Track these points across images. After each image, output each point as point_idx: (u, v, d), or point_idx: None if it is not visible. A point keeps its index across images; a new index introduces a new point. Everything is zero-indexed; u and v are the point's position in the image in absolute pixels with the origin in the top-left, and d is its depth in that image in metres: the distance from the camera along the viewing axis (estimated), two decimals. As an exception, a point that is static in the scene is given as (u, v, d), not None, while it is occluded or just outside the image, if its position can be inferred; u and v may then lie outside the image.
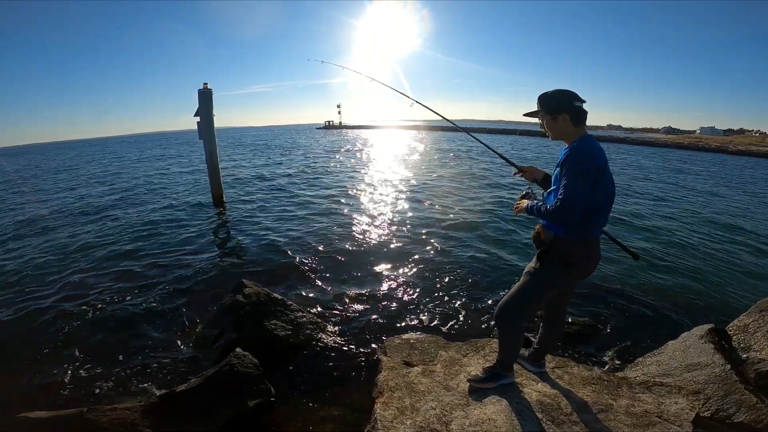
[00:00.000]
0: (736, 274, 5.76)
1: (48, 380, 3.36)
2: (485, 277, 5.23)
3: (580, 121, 2.01)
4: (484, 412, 2.15)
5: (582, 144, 1.95)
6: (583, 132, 2.02)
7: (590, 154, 1.90)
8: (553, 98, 2.04)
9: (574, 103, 2.00)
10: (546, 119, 2.07)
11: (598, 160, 1.91)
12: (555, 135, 2.08)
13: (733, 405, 2.32)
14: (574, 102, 2.00)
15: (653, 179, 15.87)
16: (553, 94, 2.05)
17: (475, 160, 20.95)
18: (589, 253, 2.06)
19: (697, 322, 3.94)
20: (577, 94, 2.02)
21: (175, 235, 7.51)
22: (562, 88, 2.06)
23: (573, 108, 1.99)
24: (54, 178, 18.82)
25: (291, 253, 6.22)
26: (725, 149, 38.96)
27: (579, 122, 2.00)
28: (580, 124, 2.01)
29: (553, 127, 2.06)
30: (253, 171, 17.02)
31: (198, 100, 9.06)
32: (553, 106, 2.04)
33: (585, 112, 2.02)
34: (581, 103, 2.01)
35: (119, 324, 4.28)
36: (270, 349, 3.51)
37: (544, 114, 2.08)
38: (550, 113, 2.05)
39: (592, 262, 2.10)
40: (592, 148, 1.93)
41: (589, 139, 1.98)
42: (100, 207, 10.57)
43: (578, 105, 2.00)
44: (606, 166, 1.96)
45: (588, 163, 1.87)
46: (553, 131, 2.07)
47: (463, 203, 9.78)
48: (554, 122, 2.04)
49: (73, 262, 6.22)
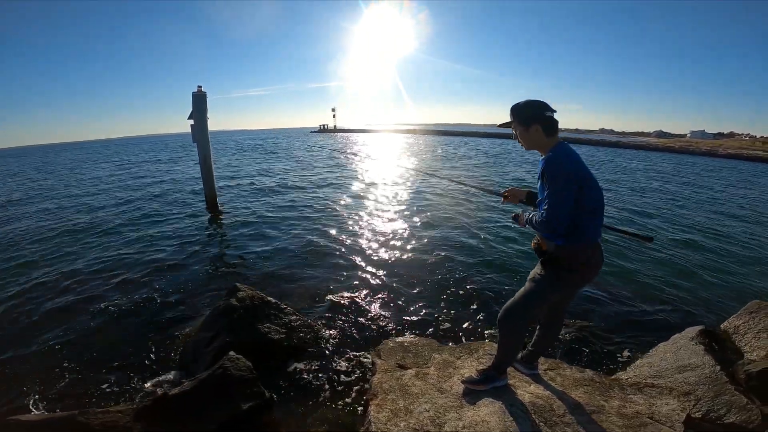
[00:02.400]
0: (726, 275, 5.83)
1: (40, 383, 3.34)
2: (479, 281, 5.25)
3: (552, 131, 2.04)
4: (477, 414, 2.15)
5: (556, 154, 1.96)
6: (557, 140, 2.04)
7: (565, 162, 1.92)
8: (525, 109, 2.08)
9: (545, 114, 2.03)
10: (519, 130, 2.10)
11: (575, 167, 1.93)
12: (528, 145, 2.11)
13: (724, 406, 2.34)
14: (545, 112, 2.03)
15: (641, 181, 16.03)
16: (524, 105, 2.08)
17: (469, 162, 21.03)
18: (591, 259, 2.07)
19: (688, 323, 3.99)
20: (548, 104, 2.06)
21: (168, 239, 7.47)
22: (533, 99, 2.10)
23: (544, 118, 2.03)
24: (40, 184, 18.65)
25: (285, 257, 6.22)
26: (715, 152, 39.41)
27: (551, 132, 2.04)
28: (553, 134, 2.04)
29: (526, 138, 2.09)
30: (248, 175, 16.99)
31: (192, 102, 9.04)
32: (525, 117, 2.07)
33: (556, 122, 2.05)
34: (552, 113, 2.05)
35: (112, 327, 4.27)
36: (264, 352, 3.49)
37: (517, 125, 2.11)
38: (522, 124, 2.08)
39: (595, 266, 2.11)
40: (567, 156, 1.95)
41: (562, 148, 2.00)
42: (91, 212, 10.49)
43: (549, 115, 2.04)
44: (586, 170, 1.98)
45: (564, 173, 1.89)
46: (526, 141, 2.10)
47: (457, 207, 9.80)
48: (527, 133, 2.07)
49: (64, 266, 6.17)
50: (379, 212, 9.14)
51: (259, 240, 7.25)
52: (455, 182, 11.37)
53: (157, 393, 2.92)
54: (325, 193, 11.86)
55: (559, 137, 2.06)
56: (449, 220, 8.45)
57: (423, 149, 32.65)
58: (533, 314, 2.31)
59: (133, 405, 2.62)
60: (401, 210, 9.40)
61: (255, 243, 7.07)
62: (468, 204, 9.89)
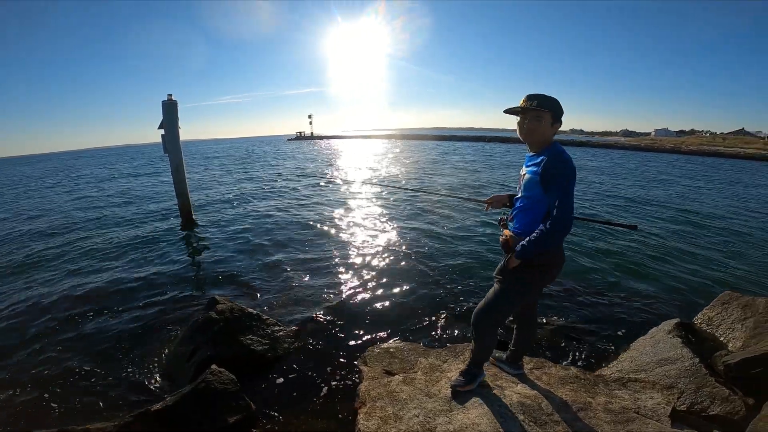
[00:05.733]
0: (699, 267, 6.02)
1: (19, 402, 3.21)
2: (462, 283, 5.27)
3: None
4: (467, 417, 2.15)
5: (560, 151, 1.97)
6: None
7: (570, 162, 1.93)
8: (559, 105, 2.03)
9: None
10: (544, 120, 2.00)
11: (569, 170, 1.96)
12: (536, 137, 2.04)
13: (707, 398, 2.41)
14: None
15: (611, 179, 16.48)
16: (556, 100, 2.03)
17: (448, 165, 21.22)
18: (557, 257, 2.11)
19: (664, 316, 4.12)
20: None
21: (142, 254, 7.23)
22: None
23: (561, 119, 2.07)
24: (11, 193, 17.88)
25: (264, 268, 6.11)
26: (679, 149, 40.96)
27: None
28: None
29: (541, 131, 2.02)
30: (223, 185, 16.68)
31: (162, 111, 8.78)
32: (559, 112, 2.03)
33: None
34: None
35: (89, 344, 4.11)
36: (248, 365, 3.42)
37: (549, 117, 2.01)
38: (555, 118, 2.02)
39: (558, 265, 2.14)
40: (568, 155, 1.97)
41: (560, 146, 2.02)
42: (63, 227, 10.08)
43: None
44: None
45: (573, 173, 1.92)
46: (539, 134, 2.03)
47: (440, 212, 9.82)
48: (551, 127, 2.03)
49: (35, 284, 5.91)
50: (362, 222, 9.06)
51: (237, 252, 7.09)
52: (439, 195, 11.47)
53: (139, 410, 2.82)
54: (304, 203, 11.71)
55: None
56: (431, 226, 8.46)
57: (403, 155, 32.74)
58: (505, 314, 2.32)
59: (114, 423, 2.51)
60: (383, 218, 9.35)
61: (233, 255, 6.91)
62: (451, 211, 9.90)
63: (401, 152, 35.91)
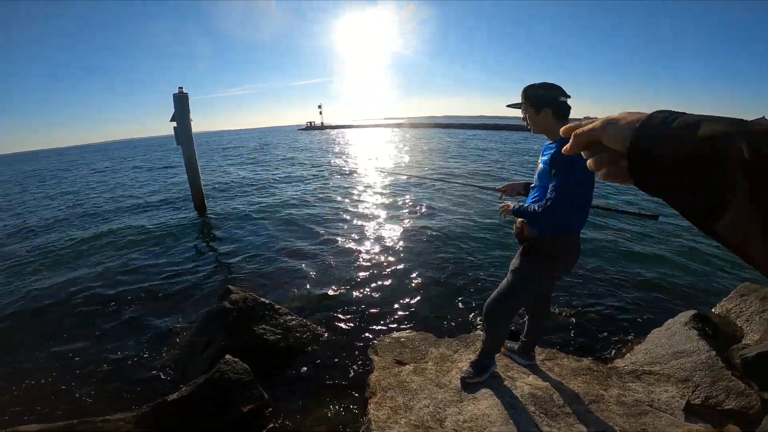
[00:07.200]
0: (717, 258, 5.89)
1: (38, 393, 3.29)
2: (474, 273, 5.24)
3: (564, 116, 1.98)
4: (477, 408, 2.15)
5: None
6: None
7: (577, 155, 1.88)
8: (538, 91, 2.00)
9: (559, 99, 1.97)
10: (529, 112, 2.03)
11: (585, 161, 1.90)
12: (537, 129, 2.05)
13: (722, 392, 2.37)
14: (559, 97, 1.97)
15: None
16: (538, 87, 2.00)
17: (458, 155, 21.06)
18: (570, 248, 2.08)
19: (680, 308, 4.04)
20: (563, 88, 1.99)
21: (157, 244, 7.35)
22: (548, 82, 2.01)
23: (557, 103, 1.96)
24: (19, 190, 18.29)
25: (277, 258, 6.16)
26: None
27: (562, 117, 1.98)
28: (563, 119, 1.98)
29: (535, 121, 2.02)
30: (235, 176, 16.80)
31: (174, 104, 8.87)
32: (537, 100, 1.99)
33: (569, 108, 2.00)
34: (566, 98, 1.98)
35: (105, 335, 4.20)
36: (260, 354, 3.46)
37: (528, 107, 2.02)
38: (534, 107, 2.00)
39: (574, 256, 2.12)
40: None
41: None
42: (79, 217, 10.31)
43: (563, 100, 1.97)
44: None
45: (576, 166, 1.85)
46: (535, 125, 2.03)
47: (452, 201, 9.76)
48: (537, 116, 2.00)
49: (50, 275, 6.06)
50: (374, 212, 9.05)
51: (250, 241, 7.16)
52: (450, 182, 11.38)
53: (156, 400, 2.89)
54: (316, 193, 11.73)
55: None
56: (444, 215, 8.41)
57: (413, 144, 32.58)
58: (517, 305, 2.32)
59: (132, 413, 2.58)
60: (395, 207, 9.32)
61: (246, 245, 6.99)
62: (464, 200, 9.83)
63: (413, 141, 35.72)
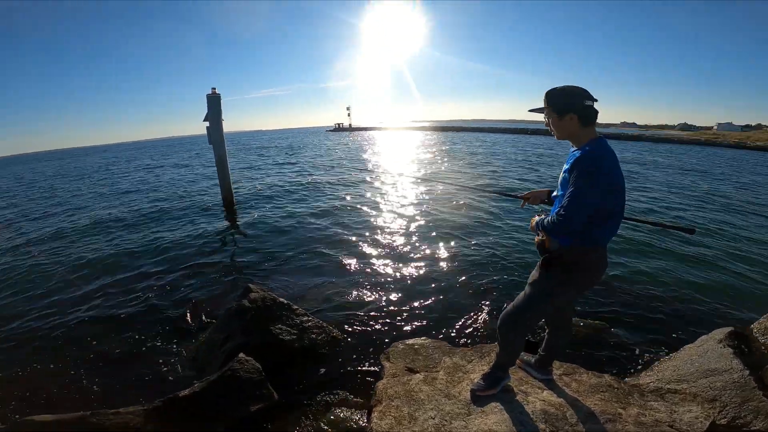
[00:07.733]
0: (757, 273, 5.54)
1: (52, 384, 3.39)
2: (494, 282, 5.12)
3: (589, 121, 1.87)
4: (485, 423, 2.07)
5: (594, 150, 1.80)
6: (593, 134, 1.87)
7: (599, 161, 1.77)
8: (561, 96, 1.90)
9: (584, 103, 1.86)
10: (552, 117, 1.93)
11: (609, 169, 1.78)
12: (560, 135, 1.95)
13: (751, 412, 2.20)
14: (584, 101, 1.86)
15: (664, 175, 15.54)
16: (561, 91, 1.90)
17: (482, 161, 20.76)
18: (594, 263, 1.96)
19: (716, 324, 3.78)
20: (588, 92, 1.87)
21: (184, 239, 7.58)
22: (571, 85, 1.91)
23: (582, 108, 1.85)
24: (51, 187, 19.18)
25: (299, 259, 6.22)
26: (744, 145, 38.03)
27: (587, 123, 1.87)
28: (589, 125, 1.88)
29: (558, 127, 1.92)
30: (264, 175, 17.12)
31: (207, 104, 9.14)
32: (560, 105, 1.89)
33: (595, 112, 1.88)
34: (592, 102, 1.87)
35: (124, 328, 4.32)
36: (275, 353, 3.48)
37: (551, 112, 1.93)
38: (556, 112, 1.90)
39: (597, 270, 2.00)
40: (602, 156, 1.79)
41: (601, 145, 1.83)
42: (109, 215, 10.71)
43: (588, 104, 1.86)
44: (619, 173, 1.83)
45: (597, 173, 1.75)
46: (559, 131, 1.94)
47: (474, 207, 9.62)
48: (560, 121, 1.90)
49: (76, 268, 6.33)
50: (396, 216, 8.99)
51: (273, 241, 7.27)
52: (472, 189, 11.24)
53: (168, 394, 2.94)
54: (342, 196, 11.74)
55: (596, 131, 1.90)
56: (467, 222, 8.28)
57: (440, 148, 32.36)
58: (534, 319, 2.22)
59: (144, 406, 2.63)
60: (416, 214, 9.20)
61: (269, 244, 7.09)
62: (482, 206, 9.65)
63: (440, 145, 35.45)
